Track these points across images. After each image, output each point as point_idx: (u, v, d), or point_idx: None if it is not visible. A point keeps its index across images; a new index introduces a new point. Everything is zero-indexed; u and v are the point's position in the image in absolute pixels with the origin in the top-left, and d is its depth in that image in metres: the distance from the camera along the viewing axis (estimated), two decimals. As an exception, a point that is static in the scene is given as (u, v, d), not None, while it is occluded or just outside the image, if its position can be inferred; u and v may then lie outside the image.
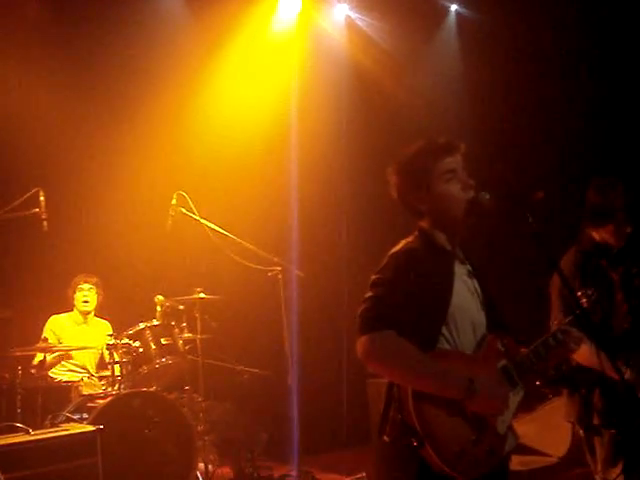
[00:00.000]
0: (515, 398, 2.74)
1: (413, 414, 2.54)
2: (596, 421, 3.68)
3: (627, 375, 3.51)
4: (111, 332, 6.29)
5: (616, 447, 3.64)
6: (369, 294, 2.67)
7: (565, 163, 6.81)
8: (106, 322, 6.53)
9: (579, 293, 3.08)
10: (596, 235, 3.83)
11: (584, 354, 3.21)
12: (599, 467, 3.72)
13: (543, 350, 2.81)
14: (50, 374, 6.12)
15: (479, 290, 2.85)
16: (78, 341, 6.29)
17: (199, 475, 5.68)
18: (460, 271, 2.81)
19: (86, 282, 6.40)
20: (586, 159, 6.60)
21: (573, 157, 6.81)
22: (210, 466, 5.88)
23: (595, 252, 3.78)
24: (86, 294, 6.40)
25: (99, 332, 6.45)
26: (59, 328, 6.35)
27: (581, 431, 3.80)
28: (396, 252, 2.77)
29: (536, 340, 2.84)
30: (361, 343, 2.61)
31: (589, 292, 3.10)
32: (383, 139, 7.20)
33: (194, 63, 7.09)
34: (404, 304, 2.62)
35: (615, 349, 3.28)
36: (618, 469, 3.63)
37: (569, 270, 3.67)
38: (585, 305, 3.05)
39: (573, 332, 2.87)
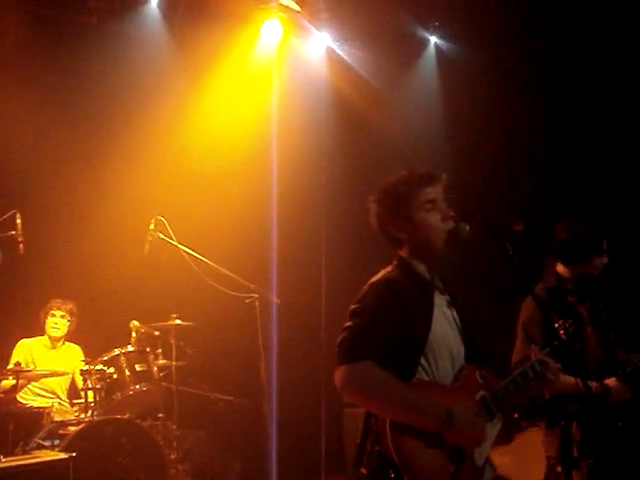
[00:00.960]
0: (493, 430, 2.74)
1: (391, 446, 2.53)
2: (575, 454, 3.69)
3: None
4: (82, 357, 6.24)
5: (594, 477, 3.66)
6: (348, 324, 2.67)
7: (537, 197, 6.87)
8: (77, 347, 6.45)
9: (557, 325, 3.11)
10: (564, 271, 3.88)
11: (563, 384, 3.21)
12: None
13: (521, 381, 2.82)
14: (20, 399, 6.02)
15: (458, 321, 2.85)
16: (47, 365, 6.21)
17: (171, 504, 5.61)
18: (439, 301, 2.82)
19: (59, 309, 6.32)
20: (554, 193, 6.70)
21: (545, 191, 6.89)
22: (183, 495, 5.81)
23: (560, 288, 3.83)
24: (57, 321, 6.33)
25: (70, 357, 6.39)
26: (28, 352, 6.27)
27: (559, 467, 3.79)
28: (376, 282, 2.77)
29: (513, 372, 2.85)
30: (339, 373, 2.60)
31: (567, 324, 3.12)
32: (363, 166, 7.24)
33: (175, 89, 7.10)
34: (383, 334, 2.62)
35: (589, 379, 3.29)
36: None
37: (534, 309, 3.69)
38: (563, 336, 3.07)
39: (551, 363, 2.88)
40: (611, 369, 3.76)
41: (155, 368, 5.99)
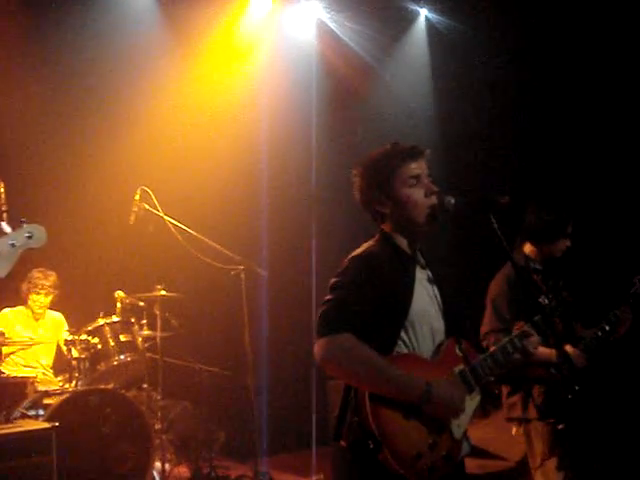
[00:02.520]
0: (471, 403, 2.76)
1: (370, 417, 2.54)
2: (533, 414, 3.84)
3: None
4: (66, 326, 6.22)
5: (554, 437, 3.80)
6: (328, 297, 2.67)
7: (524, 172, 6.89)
8: (60, 316, 6.43)
9: (541, 299, 3.15)
10: (532, 251, 4.06)
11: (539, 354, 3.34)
12: (537, 461, 3.86)
13: (501, 356, 2.85)
14: (3, 369, 6.01)
15: (438, 296, 2.86)
16: (31, 335, 6.20)
17: (155, 474, 5.65)
18: (420, 276, 2.82)
19: (42, 287, 6.25)
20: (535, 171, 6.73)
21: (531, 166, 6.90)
22: (167, 465, 5.85)
23: (527, 268, 3.97)
24: (39, 298, 6.26)
25: (53, 327, 6.38)
26: (11, 322, 6.25)
27: (520, 429, 3.95)
28: (357, 255, 2.77)
29: (482, 343, 2.89)
30: (319, 345, 2.61)
31: (549, 297, 3.17)
32: (352, 139, 7.21)
33: (163, 60, 7.03)
34: (363, 307, 2.63)
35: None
36: (555, 459, 3.79)
37: (504, 285, 3.90)
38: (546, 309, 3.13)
39: (533, 337, 2.93)
40: (570, 341, 3.91)
41: (140, 339, 6.00)
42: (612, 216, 6.24)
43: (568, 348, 3.81)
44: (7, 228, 3.41)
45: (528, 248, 4.09)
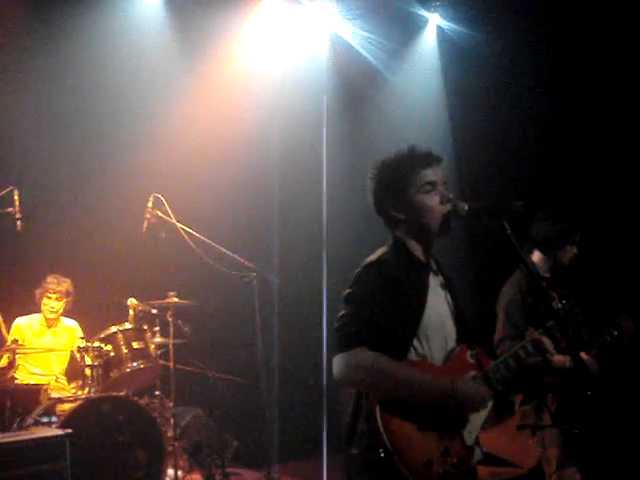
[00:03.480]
0: (483, 410, 2.74)
1: (381, 425, 2.53)
2: (547, 421, 3.86)
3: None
4: (80, 334, 6.23)
5: (569, 443, 3.81)
6: (343, 311, 2.65)
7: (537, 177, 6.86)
8: (74, 323, 6.45)
9: (554, 305, 3.15)
10: (540, 259, 4.07)
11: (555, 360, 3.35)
12: (553, 466, 3.88)
13: (513, 362, 2.82)
14: (17, 377, 6.03)
15: (451, 302, 2.85)
16: (44, 343, 6.22)
17: (168, 481, 5.64)
18: (434, 283, 2.81)
19: (54, 292, 6.26)
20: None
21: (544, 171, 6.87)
22: (180, 472, 5.84)
23: (537, 276, 3.96)
24: (53, 304, 6.28)
25: (67, 334, 6.39)
26: (25, 330, 6.27)
27: (534, 437, 3.96)
28: (369, 264, 2.74)
29: (496, 350, 2.89)
30: (338, 362, 2.60)
31: (563, 303, 3.17)
32: (364, 145, 7.21)
33: (176, 64, 7.05)
34: (378, 318, 2.61)
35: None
36: (570, 465, 3.82)
37: (516, 292, 3.93)
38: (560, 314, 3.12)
39: (546, 343, 2.89)
40: (580, 347, 3.86)
41: (152, 346, 6.00)
42: (620, 224, 6.20)
43: (583, 356, 3.81)
44: None
45: (536, 256, 4.10)
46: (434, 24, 7.84)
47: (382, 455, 2.53)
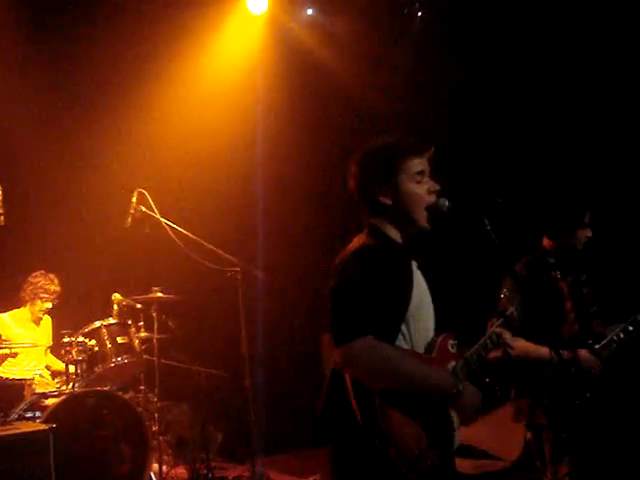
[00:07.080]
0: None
1: (379, 416, 2.52)
2: (542, 420, 3.80)
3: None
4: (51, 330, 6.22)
5: (561, 445, 3.76)
6: (335, 303, 2.61)
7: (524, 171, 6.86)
8: (49, 317, 6.44)
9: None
10: (549, 245, 3.99)
11: (535, 352, 3.54)
12: (548, 466, 3.83)
13: (483, 352, 2.86)
14: (0, 372, 6.02)
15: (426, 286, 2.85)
16: (28, 338, 6.20)
17: (153, 476, 5.66)
18: (414, 268, 2.80)
19: (47, 293, 6.24)
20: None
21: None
22: (164, 466, 5.86)
23: (541, 262, 3.91)
24: (47, 305, 6.30)
25: (48, 329, 6.42)
26: (8, 326, 6.25)
27: (529, 434, 3.93)
28: (354, 251, 2.70)
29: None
30: (340, 354, 2.55)
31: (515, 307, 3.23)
32: (348, 139, 7.21)
33: (159, 59, 7.02)
34: (369, 305, 2.56)
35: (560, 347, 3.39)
36: (564, 467, 3.76)
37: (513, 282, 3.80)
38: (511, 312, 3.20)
39: (505, 334, 2.96)
40: (586, 342, 3.86)
41: (137, 341, 6.00)
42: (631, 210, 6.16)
43: (581, 352, 3.77)
44: None
45: (546, 242, 4.02)
46: (419, 17, 7.82)
47: (377, 446, 2.51)
